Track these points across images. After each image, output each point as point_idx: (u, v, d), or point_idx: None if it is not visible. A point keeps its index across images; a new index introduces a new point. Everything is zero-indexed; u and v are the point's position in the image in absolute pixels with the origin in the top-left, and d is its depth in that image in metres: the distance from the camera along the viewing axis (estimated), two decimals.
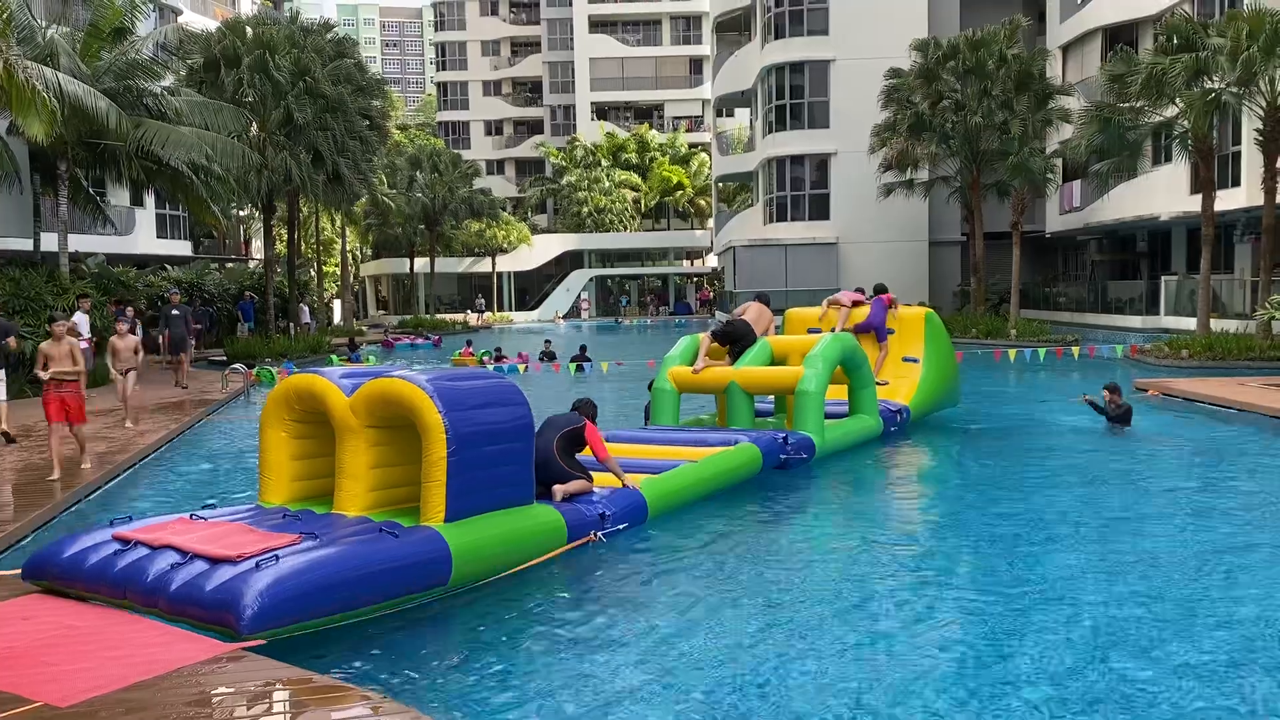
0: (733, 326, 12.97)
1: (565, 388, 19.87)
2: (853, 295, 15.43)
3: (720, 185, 55.28)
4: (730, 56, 46.92)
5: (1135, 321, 30.76)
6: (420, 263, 58.12)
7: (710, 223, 61.49)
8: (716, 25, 50.00)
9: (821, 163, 40.63)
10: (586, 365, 22.65)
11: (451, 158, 57.30)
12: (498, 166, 76.53)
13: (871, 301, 15.11)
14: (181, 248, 37.82)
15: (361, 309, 64.10)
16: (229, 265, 44.75)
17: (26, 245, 23.87)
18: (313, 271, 47.66)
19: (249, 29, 31.32)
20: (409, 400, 7.04)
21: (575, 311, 62.37)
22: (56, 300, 19.03)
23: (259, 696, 4.96)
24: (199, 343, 27.81)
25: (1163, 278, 30.54)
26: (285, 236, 39.77)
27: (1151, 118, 23.57)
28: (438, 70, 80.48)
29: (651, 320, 58.47)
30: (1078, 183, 34.57)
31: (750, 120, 49.41)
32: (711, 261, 61.83)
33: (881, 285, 15.62)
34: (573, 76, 72.56)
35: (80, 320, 18.38)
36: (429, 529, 6.84)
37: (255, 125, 30.09)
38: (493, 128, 77.77)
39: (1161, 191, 29.16)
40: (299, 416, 7.79)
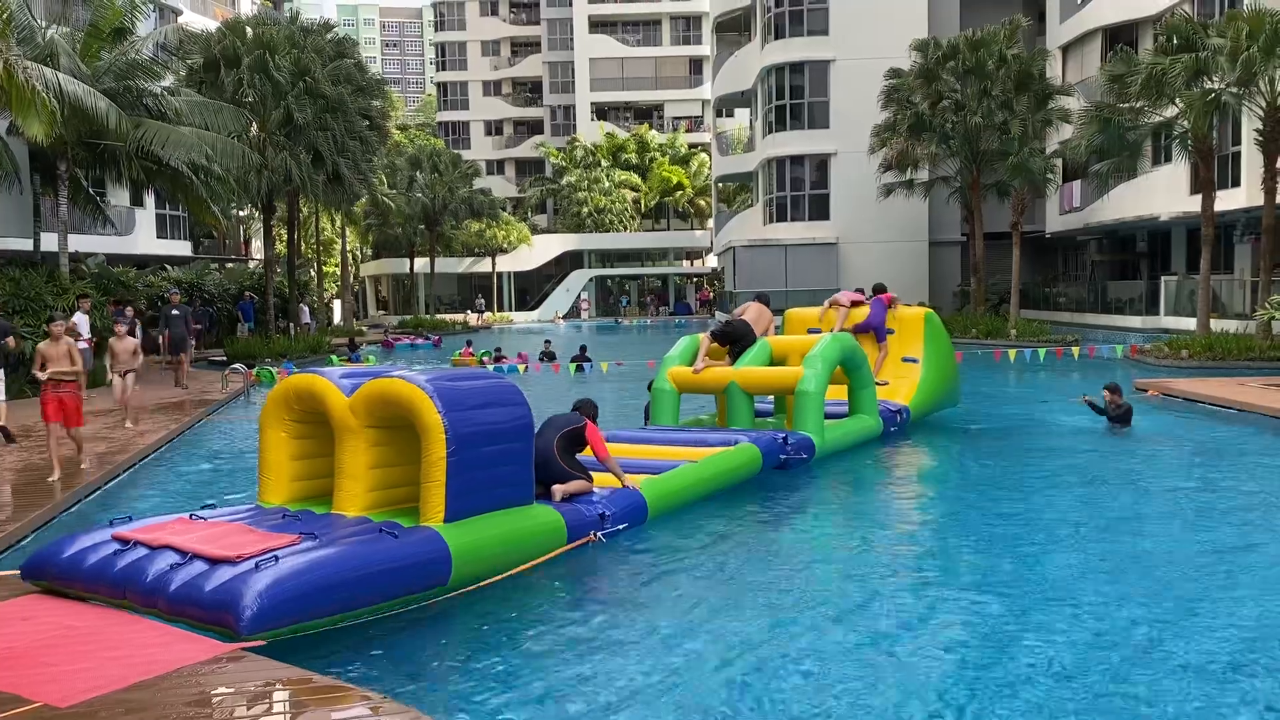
0: (732, 327, 12.97)
1: (565, 388, 19.86)
2: (852, 295, 15.41)
3: (720, 185, 55.27)
4: (730, 57, 46.93)
5: (1135, 322, 30.76)
6: (420, 263, 58.12)
7: (710, 223, 61.49)
8: (716, 25, 50.00)
9: (821, 163, 40.62)
10: (586, 365, 22.65)
11: (451, 158, 57.30)
12: (498, 166, 76.55)
13: (871, 302, 15.10)
14: (181, 248, 37.81)
15: (361, 309, 64.09)
16: (229, 265, 44.75)
17: (26, 245, 23.86)
18: (313, 271, 47.65)
19: (249, 29, 31.33)
20: (408, 400, 7.03)
21: (575, 312, 62.36)
22: (56, 300, 19.02)
23: (259, 696, 4.96)
24: (199, 343, 27.81)
25: (1163, 278, 30.54)
26: (285, 236, 39.77)
27: (1151, 118, 23.57)
28: (438, 70, 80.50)
29: (651, 320, 58.44)
30: (1078, 183, 34.57)
31: (750, 120, 49.41)
32: (711, 262, 61.82)
33: (880, 285, 15.61)
34: (573, 76, 72.56)
35: (80, 320, 18.38)
36: (428, 529, 6.83)
37: (255, 125, 30.10)
38: (493, 128, 77.79)
39: (1161, 192, 29.16)
40: (298, 416, 7.79)
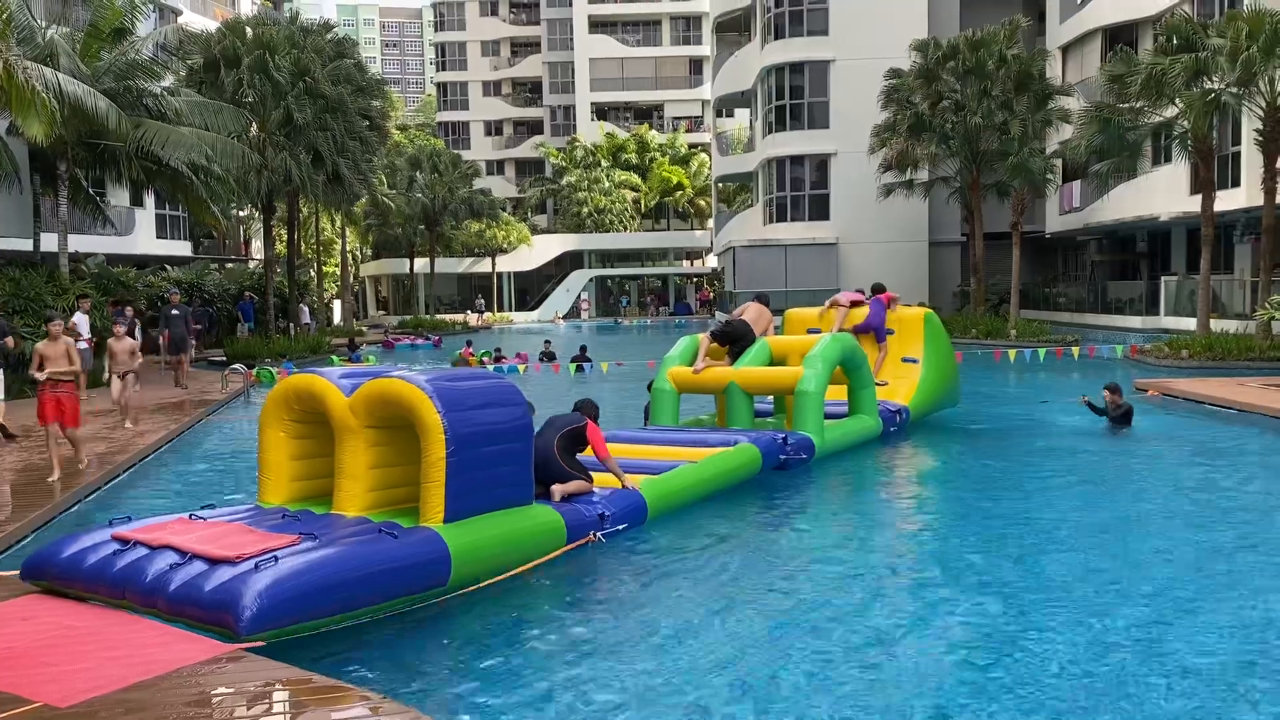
0: (732, 327, 12.96)
1: (565, 388, 19.86)
2: (852, 295, 15.40)
3: (720, 185, 55.27)
4: (730, 57, 46.93)
5: (1135, 322, 30.75)
6: (420, 263, 58.12)
7: (710, 223, 61.49)
8: (716, 25, 50.00)
9: (821, 163, 40.62)
10: (586, 365, 22.65)
11: (451, 158, 57.30)
12: (498, 167, 76.55)
13: (870, 302, 15.10)
14: (181, 248, 37.83)
15: (361, 309, 64.09)
16: (229, 265, 44.73)
17: (26, 245, 23.86)
18: (313, 272, 47.64)
19: (249, 29, 31.32)
20: (408, 400, 7.03)
21: (575, 312, 62.36)
22: (56, 300, 19.02)
23: (259, 697, 4.96)
24: (199, 343, 27.79)
25: (1162, 278, 30.53)
26: (285, 237, 39.75)
27: (1151, 118, 23.57)
28: (438, 70, 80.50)
29: (651, 321, 58.45)
30: (1077, 183, 34.56)
31: (750, 120, 49.42)
32: (711, 262, 61.83)
33: (880, 285, 15.59)
34: (573, 77, 72.57)
35: (80, 321, 18.38)
36: (428, 530, 6.83)
37: (255, 125, 30.09)
38: (493, 128, 77.79)
39: (1161, 192, 29.16)
40: (298, 417, 7.79)
